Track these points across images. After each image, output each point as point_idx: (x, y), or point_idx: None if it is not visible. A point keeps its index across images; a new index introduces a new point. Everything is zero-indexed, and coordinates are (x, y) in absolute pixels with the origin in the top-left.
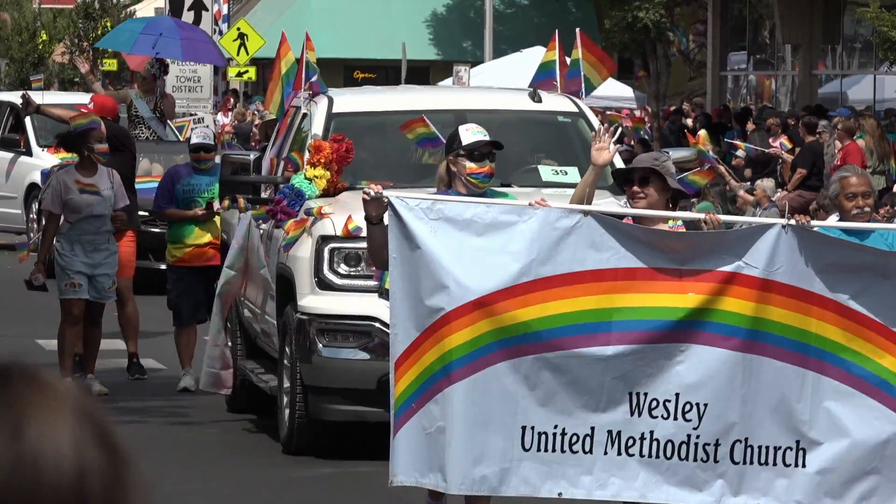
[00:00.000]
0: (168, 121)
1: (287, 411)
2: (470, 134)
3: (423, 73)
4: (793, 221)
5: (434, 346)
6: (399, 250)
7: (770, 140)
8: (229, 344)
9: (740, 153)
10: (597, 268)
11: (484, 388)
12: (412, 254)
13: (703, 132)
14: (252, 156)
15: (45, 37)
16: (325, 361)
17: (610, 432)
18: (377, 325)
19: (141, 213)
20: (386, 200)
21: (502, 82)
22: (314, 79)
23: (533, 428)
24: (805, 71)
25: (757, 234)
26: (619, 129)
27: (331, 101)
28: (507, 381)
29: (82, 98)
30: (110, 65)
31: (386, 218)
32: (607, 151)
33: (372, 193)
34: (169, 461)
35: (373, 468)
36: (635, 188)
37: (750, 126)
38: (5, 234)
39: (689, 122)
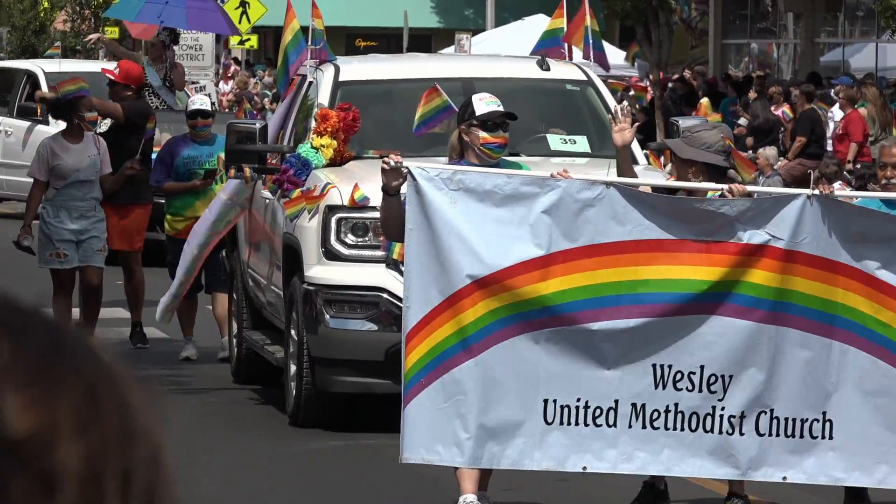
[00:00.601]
0: (178, 90)
1: (294, 383)
2: (484, 104)
3: (424, 42)
4: (817, 191)
5: (450, 320)
6: (417, 221)
7: (772, 108)
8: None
9: (742, 122)
10: (619, 240)
11: (504, 361)
12: (430, 225)
13: (705, 100)
14: (258, 124)
15: (46, 4)
16: (332, 332)
17: (634, 405)
18: (385, 295)
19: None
20: (405, 170)
21: (504, 51)
22: (320, 46)
23: (555, 401)
24: (807, 39)
25: (782, 205)
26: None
27: (337, 69)
28: (528, 353)
29: (93, 67)
30: (112, 33)
31: (403, 188)
32: (627, 131)
33: (392, 163)
34: (168, 432)
35: (381, 441)
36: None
37: (751, 94)
38: (24, 203)
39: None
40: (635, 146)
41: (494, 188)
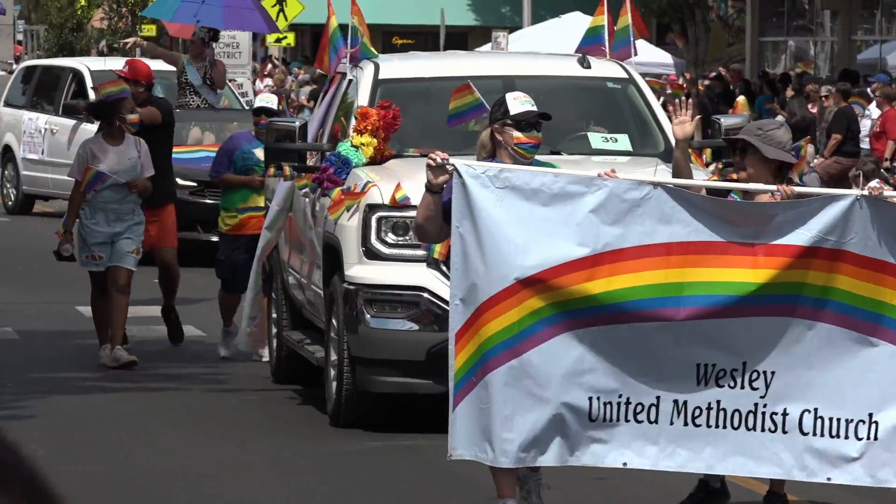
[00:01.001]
0: (219, 88)
1: (334, 383)
2: (518, 103)
3: (461, 39)
4: (866, 192)
5: (496, 318)
6: (463, 219)
7: (809, 106)
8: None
9: (779, 119)
10: (666, 241)
11: (548, 361)
12: (476, 223)
13: (741, 98)
14: (297, 123)
15: (83, 2)
16: (372, 332)
17: (676, 402)
18: (425, 295)
19: (187, 182)
20: (451, 167)
21: (541, 48)
22: (358, 44)
23: (599, 398)
24: (843, 36)
25: (830, 206)
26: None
27: (377, 67)
28: (572, 351)
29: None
30: (149, 30)
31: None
32: (688, 124)
33: (438, 160)
34: (209, 431)
35: (422, 441)
36: (737, 158)
37: (789, 92)
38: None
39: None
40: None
41: (541, 186)
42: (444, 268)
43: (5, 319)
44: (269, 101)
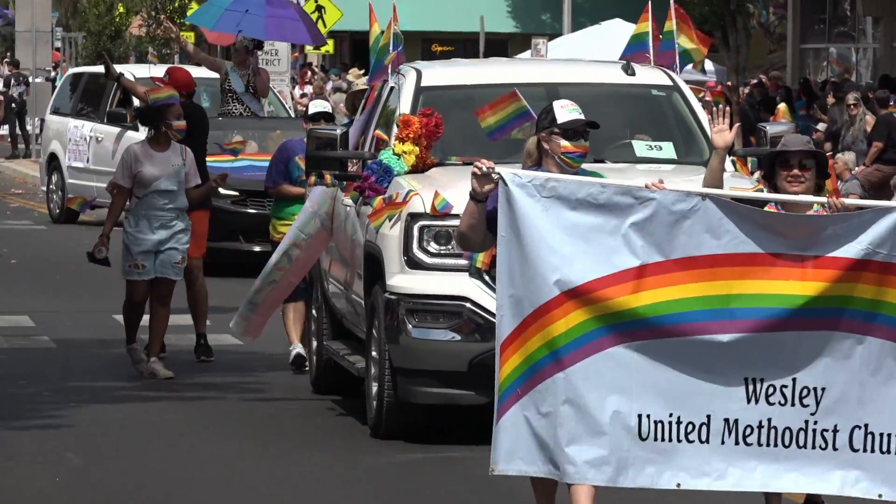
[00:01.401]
0: (262, 97)
1: (375, 394)
2: (566, 112)
3: (501, 46)
4: None
5: (542, 330)
6: (509, 229)
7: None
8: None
9: (820, 127)
10: (714, 253)
11: (596, 375)
12: (522, 232)
13: (782, 106)
14: (339, 130)
15: (121, 9)
16: (414, 342)
17: (727, 420)
18: (468, 305)
19: (229, 192)
20: (497, 176)
21: (581, 56)
22: (399, 50)
23: (649, 416)
24: (885, 44)
25: (882, 218)
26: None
27: (419, 74)
28: (620, 367)
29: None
30: (188, 37)
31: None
32: (728, 132)
33: (483, 168)
34: (248, 441)
35: (465, 453)
36: (796, 171)
37: (830, 99)
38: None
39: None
40: None
41: (588, 197)
42: (486, 277)
43: (43, 328)
44: (324, 105)
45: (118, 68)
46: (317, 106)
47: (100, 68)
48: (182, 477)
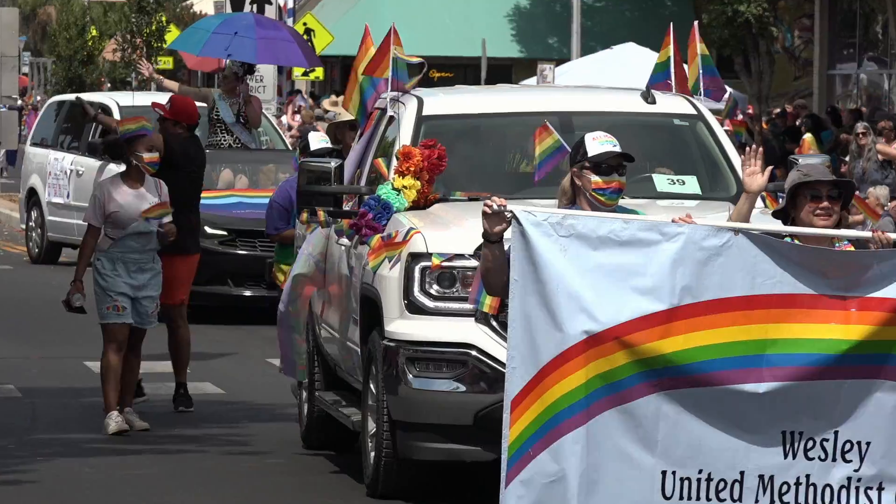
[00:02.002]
0: (253, 127)
1: (372, 449)
2: (597, 144)
3: (504, 72)
4: None
5: (559, 382)
6: (522, 272)
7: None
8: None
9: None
10: (749, 294)
11: (619, 428)
12: (538, 276)
13: (808, 136)
14: (332, 163)
15: (94, 33)
16: (415, 393)
17: (762, 477)
18: (474, 352)
19: (217, 231)
20: (509, 214)
21: (590, 82)
22: (402, 78)
23: (674, 473)
24: None
25: None
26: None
27: (420, 102)
28: (646, 419)
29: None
30: (165, 63)
31: (507, 234)
32: (760, 175)
33: (494, 207)
34: (230, 499)
35: None
36: (825, 203)
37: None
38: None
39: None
40: None
41: (610, 234)
42: (494, 323)
43: (7, 376)
44: (326, 140)
45: (96, 96)
46: (318, 140)
47: (84, 95)
48: None
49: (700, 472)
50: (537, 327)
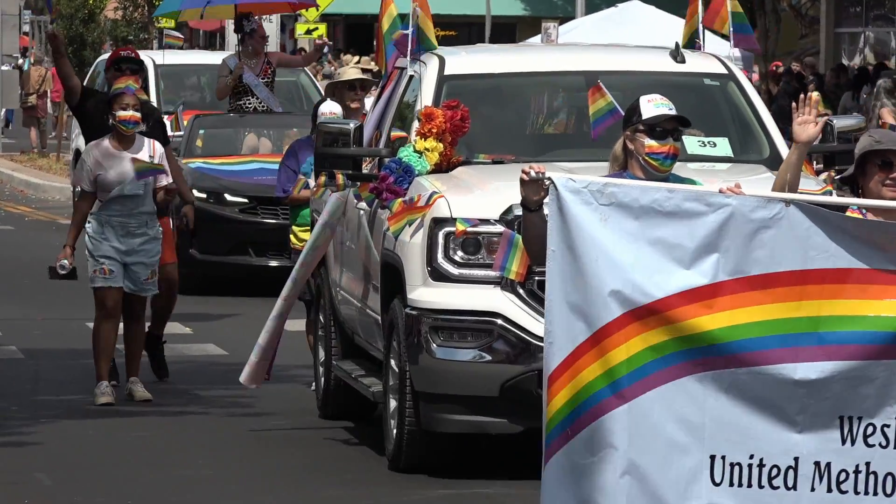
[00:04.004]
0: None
1: (394, 421)
2: (652, 106)
3: (508, 31)
4: None
5: (598, 359)
6: (560, 242)
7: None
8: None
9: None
10: (800, 268)
11: (662, 409)
12: (576, 246)
13: (816, 94)
14: (352, 124)
15: None
16: (438, 364)
17: (818, 464)
18: (499, 321)
19: (238, 199)
20: (548, 181)
21: (595, 40)
22: (412, 31)
23: (724, 458)
24: None
25: None
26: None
27: (442, 61)
28: (691, 400)
29: (211, 59)
30: (167, 22)
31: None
32: (812, 125)
33: (532, 174)
34: (242, 468)
35: (495, 489)
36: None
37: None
38: None
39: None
40: (783, 148)
41: (653, 204)
42: (521, 290)
43: (10, 338)
44: (338, 107)
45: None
46: (330, 105)
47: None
48: (163, 501)
49: (751, 457)
50: (575, 301)
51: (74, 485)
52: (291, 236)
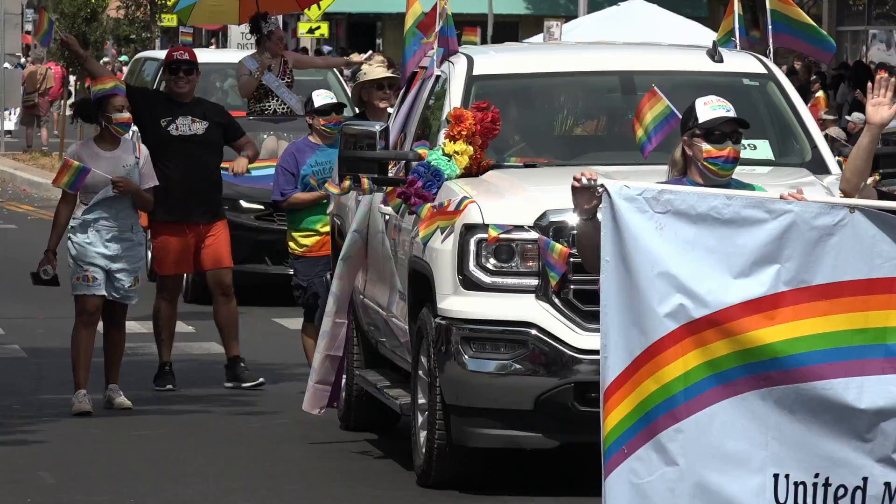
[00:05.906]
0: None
1: (423, 435)
2: (708, 109)
3: (511, 29)
4: None
5: (655, 373)
6: (614, 252)
7: None
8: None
9: (856, 117)
10: (866, 277)
11: (722, 425)
12: (631, 256)
13: (820, 94)
14: (377, 126)
15: None
16: (470, 376)
17: (888, 485)
18: (534, 332)
19: (253, 206)
20: (601, 189)
21: (598, 39)
22: (447, 34)
23: (787, 476)
24: None
25: None
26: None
27: (471, 61)
28: (753, 416)
29: (231, 56)
30: (169, 20)
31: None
32: (886, 107)
33: (584, 181)
34: (252, 473)
35: None
36: None
37: (869, 86)
38: None
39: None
40: (826, 151)
41: (711, 211)
42: (556, 300)
43: (12, 336)
44: (331, 96)
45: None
46: (324, 97)
47: (148, 53)
48: (165, 499)
49: (816, 476)
50: (631, 313)
51: (77, 483)
52: (291, 242)
